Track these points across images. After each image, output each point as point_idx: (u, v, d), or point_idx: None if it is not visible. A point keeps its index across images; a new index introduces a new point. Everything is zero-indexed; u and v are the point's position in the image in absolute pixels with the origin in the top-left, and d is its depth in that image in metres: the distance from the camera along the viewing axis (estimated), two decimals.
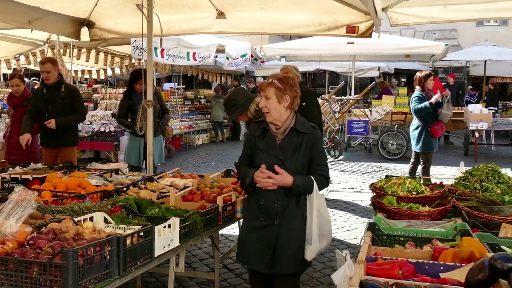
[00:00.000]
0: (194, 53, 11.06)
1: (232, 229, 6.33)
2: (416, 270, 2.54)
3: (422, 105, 7.69)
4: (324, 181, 3.52)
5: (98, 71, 13.56)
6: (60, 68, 9.97)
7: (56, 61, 6.71)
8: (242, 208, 4.21)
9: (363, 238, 3.10)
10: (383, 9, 6.01)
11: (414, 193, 4.15)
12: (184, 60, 10.92)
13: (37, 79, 13.80)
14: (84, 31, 7.51)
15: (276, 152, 3.44)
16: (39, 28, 7.32)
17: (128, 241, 2.86)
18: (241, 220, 4.05)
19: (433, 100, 7.66)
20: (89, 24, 7.41)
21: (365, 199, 8.29)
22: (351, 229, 6.86)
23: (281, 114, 3.43)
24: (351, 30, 6.23)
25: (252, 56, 13.66)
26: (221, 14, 6.79)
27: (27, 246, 2.63)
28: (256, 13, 6.74)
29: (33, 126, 6.53)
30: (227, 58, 12.28)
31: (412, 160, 8.21)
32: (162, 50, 9.81)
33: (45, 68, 6.47)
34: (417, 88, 7.95)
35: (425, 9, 6.17)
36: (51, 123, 6.35)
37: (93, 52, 11.08)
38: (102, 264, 2.63)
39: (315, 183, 3.39)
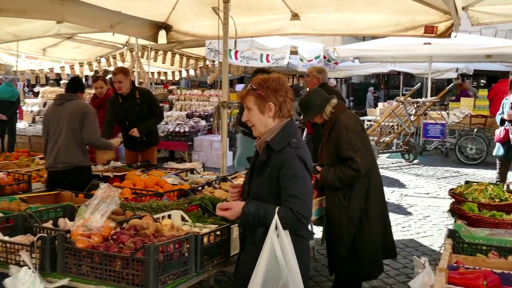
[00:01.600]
0: (267, 55, 11.13)
1: None
2: (501, 281, 2.42)
3: (498, 117, 7.36)
4: (291, 217, 2.62)
5: (173, 72, 13.95)
6: (139, 70, 10.35)
7: (127, 71, 6.79)
8: (317, 210, 4.19)
9: (443, 245, 2.99)
10: (463, 8, 5.79)
11: (497, 200, 3.97)
12: (257, 62, 11.00)
13: None
14: (162, 34, 7.74)
15: (248, 171, 2.99)
16: (120, 32, 7.63)
17: (205, 240, 2.91)
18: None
19: (506, 116, 7.25)
20: (167, 27, 7.62)
21: (441, 205, 8.01)
22: (427, 235, 6.64)
23: (267, 126, 2.80)
24: (430, 30, 6.04)
25: (325, 57, 13.56)
26: (295, 16, 6.78)
27: (111, 241, 2.74)
28: (331, 14, 6.68)
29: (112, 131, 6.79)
30: (301, 59, 12.26)
31: (498, 167, 7.78)
32: (236, 52, 9.94)
33: (117, 78, 6.51)
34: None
35: (509, 7, 5.89)
36: (134, 132, 6.48)
37: (169, 54, 11.43)
38: (180, 261, 2.70)
39: (275, 215, 2.62)
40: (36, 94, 15.90)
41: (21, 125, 12.66)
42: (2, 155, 6.95)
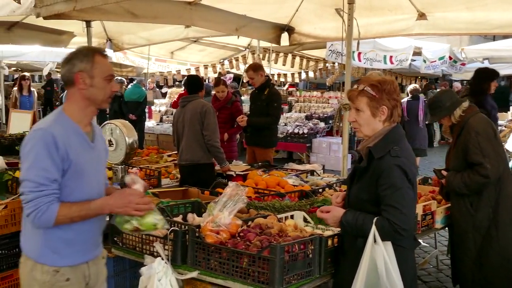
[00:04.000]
0: (391, 57, 10.82)
1: (427, 240, 6.05)
2: None
3: None
4: (388, 228, 2.56)
5: (292, 74, 14.07)
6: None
7: (258, 67, 7.10)
8: (443, 218, 4.00)
9: None
10: None
11: None
12: (381, 63, 10.74)
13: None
14: (284, 36, 7.85)
15: (349, 176, 2.93)
16: (245, 35, 7.86)
17: (329, 242, 2.90)
18: (439, 232, 3.84)
19: None
20: (289, 30, 7.71)
21: None
22: None
23: (375, 129, 2.73)
24: None
25: (450, 58, 12.90)
26: (422, 15, 6.53)
27: (238, 238, 2.83)
28: (461, 13, 6.35)
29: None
30: (424, 61, 11.78)
31: None
32: (359, 53, 9.79)
33: (249, 75, 7.05)
34: None
35: None
36: (243, 121, 6.85)
37: (289, 56, 11.54)
38: (305, 261, 2.72)
39: (373, 226, 2.57)
40: (164, 95, 16.84)
41: (149, 124, 13.50)
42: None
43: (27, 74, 11.07)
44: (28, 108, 10.10)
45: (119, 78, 13.47)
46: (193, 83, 5.96)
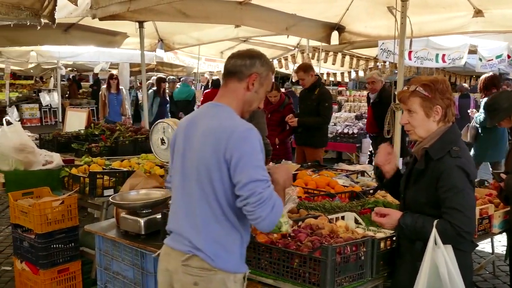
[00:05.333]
0: (443, 55, 10.55)
1: (483, 244, 5.85)
2: None
3: None
4: (450, 231, 2.47)
5: (342, 73, 13.94)
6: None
7: (308, 67, 7.06)
8: (501, 222, 3.85)
9: None
10: None
11: None
12: (432, 62, 10.49)
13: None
14: (334, 35, 7.77)
15: (404, 178, 2.86)
16: (294, 34, 7.84)
17: (381, 245, 2.84)
18: (496, 237, 3.70)
19: None
20: (340, 28, 7.63)
21: None
22: None
23: (429, 130, 2.67)
24: None
25: (509, 56, 12.46)
26: (478, 12, 6.33)
27: (289, 238, 2.81)
28: None
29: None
30: (480, 59, 11.42)
31: None
32: (410, 52, 9.59)
33: (299, 76, 7.03)
34: None
35: None
36: (293, 121, 6.84)
37: (339, 55, 11.45)
38: (357, 264, 2.67)
39: (433, 229, 2.50)
40: None
41: None
42: None
43: (115, 73, 11.46)
44: (116, 106, 10.42)
45: (172, 77, 13.71)
46: None
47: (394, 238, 2.98)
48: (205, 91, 11.75)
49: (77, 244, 4.56)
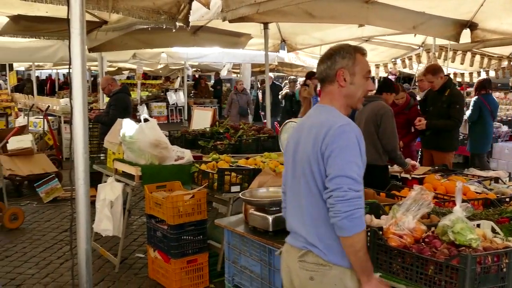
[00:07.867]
0: None
1: None
2: None
3: None
4: None
5: (470, 74, 13.17)
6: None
7: (437, 69, 6.65)
8: None
9: None
10: None
11: None
12: None
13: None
14: (464, 33, 7.36)
15: None
16: (422, 33, 7.55)
17: None
18: None
19: None
20: (471, 26, 7.21)
21: None
22: None
23: None
24: None
25: None
26: None
27: (423, 244, 2.71)
28: None
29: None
30: None
31: None
32: None
33: (427, 79, 6.63)
34: None
35: None
36: (421, 125, 6.50)
37: (468, 55, 10.81)
38: (498, 275, 2.51)
39: None
40: None
41: None
42: None
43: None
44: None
45: (292, 77, 13.85)
46: (382, 83, 5.89)
47: None
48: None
49: (205, 236, 4.77)
